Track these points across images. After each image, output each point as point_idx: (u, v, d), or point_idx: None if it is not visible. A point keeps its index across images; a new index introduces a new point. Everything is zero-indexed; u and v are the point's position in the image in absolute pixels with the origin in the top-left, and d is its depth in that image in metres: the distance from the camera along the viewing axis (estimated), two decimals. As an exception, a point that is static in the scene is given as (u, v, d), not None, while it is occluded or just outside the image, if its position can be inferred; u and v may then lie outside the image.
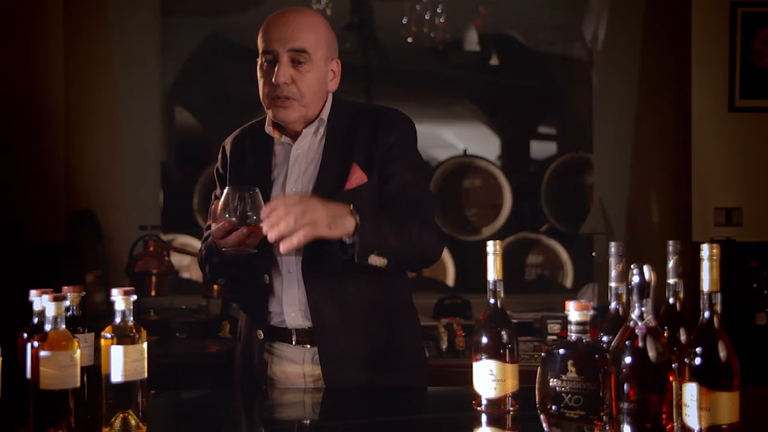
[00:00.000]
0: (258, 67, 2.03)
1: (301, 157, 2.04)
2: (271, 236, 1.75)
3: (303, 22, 2.00)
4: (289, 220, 1.73)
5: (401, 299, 2.11)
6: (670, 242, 1.53)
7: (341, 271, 1.96)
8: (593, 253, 4.43)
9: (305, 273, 1.98)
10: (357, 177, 1.99)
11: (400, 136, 2.04)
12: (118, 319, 1.50)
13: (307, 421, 1.84)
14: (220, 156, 2.17)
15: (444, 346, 3.30)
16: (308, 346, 2.01)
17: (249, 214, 1.82)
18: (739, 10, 3.89)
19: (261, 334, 2.04)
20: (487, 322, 1.67)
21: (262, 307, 2.03)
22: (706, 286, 1.39)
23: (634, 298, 1.37)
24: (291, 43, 1.97)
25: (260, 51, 2.01)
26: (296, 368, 2.03)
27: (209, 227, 2.11)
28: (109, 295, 1.54)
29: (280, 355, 2.04)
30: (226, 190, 1.85)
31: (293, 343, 2.02)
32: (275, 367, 2.05)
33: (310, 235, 1.76)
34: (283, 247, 1.77)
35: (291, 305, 2.01)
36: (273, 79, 1.96)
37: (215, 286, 3.87)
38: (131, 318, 1.51)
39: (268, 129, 2.07)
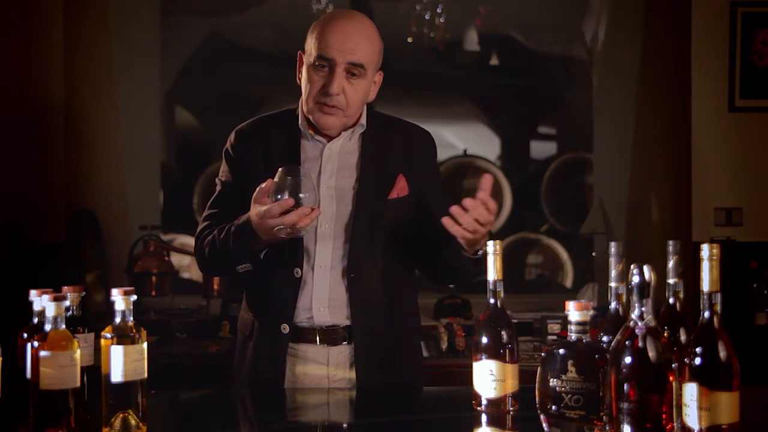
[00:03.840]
0: (306, 65, 2.03)
1: (333, 156, 2.07)
2: (459, 232, 1.83)
3: (363, 34, 2.00)
4: (482, 229, 1.85)
5: (412, 300, 2.15)
6: (670, 242, 1.53)
7: (380, 271, 2.02)
8: (593, 253, 4.43)
9: (349, 269, 2.00)
10: (401, 187, 2.07)
11: (431, 159, 2.16)
12: (118, 319, 1.50)
13: (307, 421, 1.85)
14: (234, 140, 2.13)
15: (444, 346, 3.30)
16: (327, 345, 2.01)
17: (303, 195, 1.82)
18: (739, 10, 3.89)
19: (286, 328, 2.01)
20: (487, 322, 1.67)
21: (290, 302, 2.01)
22: (706, 286, 1.39)
23: (634, 298, 1.37)
24: (351, 57, 1.98)
25: (314, 53, 1.99)
26: (321, 369, 2.02)
27: (211, 216, 2.09)
28: (109, 295, 1.54)
29: (304, 356, 2.03)
30: (279, 171, 1.85)
31: (317, 342, 2.01)
32: (298, 368, 2.03)
33: (471, 237, 1.86)
34: (459, 232, 1.84)
35: (320, 301, 2.01)
36: (326, 90, 1.98)
37: (215, 286, 3.87)
38: (131, 318, 1.51)
39: (303, 125, 2.08)
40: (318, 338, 2.02)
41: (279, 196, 1.82)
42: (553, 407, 1.47)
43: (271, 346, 2.04)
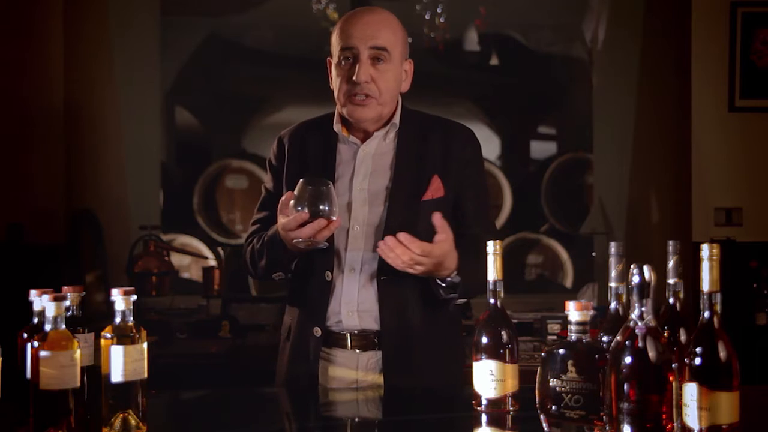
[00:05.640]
0: (333, 65, 2.04)
1: (367, 158, 2.05)
2: (385, 252, 1.83)
3: (382, 20, 2.02)
4: (405, 258, 1.84)
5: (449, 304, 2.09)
6: (670, 242, 1.53)
7: (412, 276, 1.96)
8: (593, 253, 4.43)
9: (380, 272, 1.98)
10: (436, 189, 2.03)
11: (470, 158, 2.09)
12: (118, 319, 1.50)
13: (305, 420, 1.85)
14: (275, 148, 2.14)
15: (444, 346, 3.30)
16: (357, 350, 1.99)
17: (322, 207, 1.82)
18: (739, 10, 3.89)
19: (318, 332, 2.00)
20: (487, 322, 1.67)
21: (322, 305, 2.00)
22: (706, 286, 1.39)
23: (634, 298, 1.37)
24: (372, 41, 1.98)
25: (338, 48, 2.01)
26: (350, 374, 2.00)
27: (258, 221, 2.11)
28: (109, 295, 1.54)
29: (335, 361, 2.02)
30: (299, 183, 1.85)
31: (348, 347, 2.00)
32: (329, 373, 2.01)
33: (412, 272, 1.87)
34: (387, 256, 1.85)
35: (348, 305, 1.99)
36: (354, 78, 1.97)
37: (215, 286, 3.87)
38: (131, 318, 1.50)
39: (337, 127, 2.07)
40: (349, 343, 2.00)
41: (299, 208, 1.83)
42: (553, 407, 1.47)
43: (304, 348, 2.02)
